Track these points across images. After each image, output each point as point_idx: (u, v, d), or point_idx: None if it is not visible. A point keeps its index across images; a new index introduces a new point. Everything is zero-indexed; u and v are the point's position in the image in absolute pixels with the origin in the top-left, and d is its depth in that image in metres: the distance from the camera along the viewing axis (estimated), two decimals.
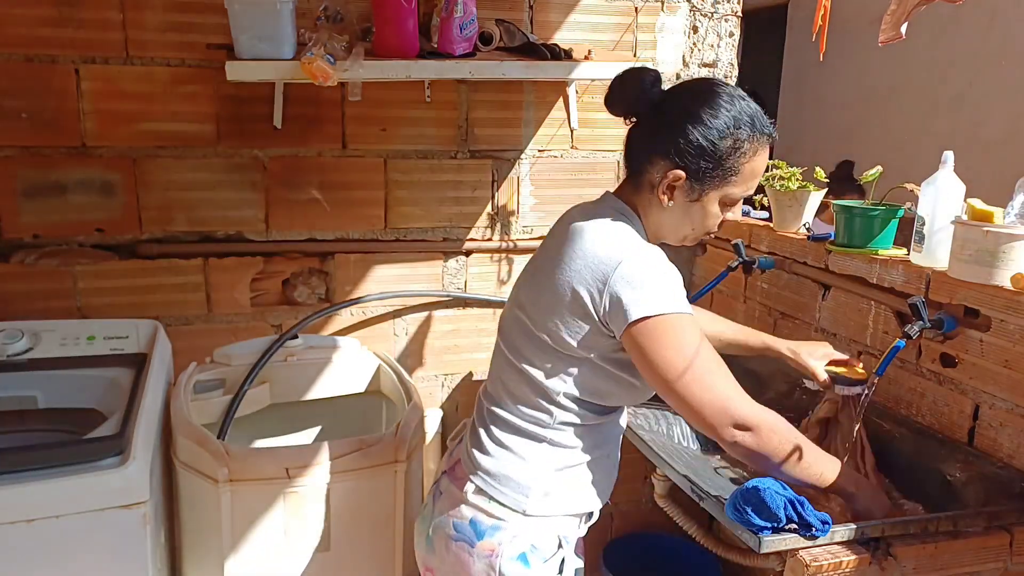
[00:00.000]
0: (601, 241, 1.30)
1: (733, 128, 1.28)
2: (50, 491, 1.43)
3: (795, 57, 5.09)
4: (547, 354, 1.34)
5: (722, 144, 1.28)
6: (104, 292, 2.15)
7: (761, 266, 2.16)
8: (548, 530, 1.36)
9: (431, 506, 1.47)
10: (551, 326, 1.32)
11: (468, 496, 1.37)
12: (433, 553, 1.43)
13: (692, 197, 1.32)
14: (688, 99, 1.31)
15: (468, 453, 1.43)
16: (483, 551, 1.34)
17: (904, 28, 1.65)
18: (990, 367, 1.57)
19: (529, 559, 1.34)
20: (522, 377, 1.37)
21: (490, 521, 1.35)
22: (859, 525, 1.32)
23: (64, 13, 1.99)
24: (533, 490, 1.35)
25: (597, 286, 1.26)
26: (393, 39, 1.99)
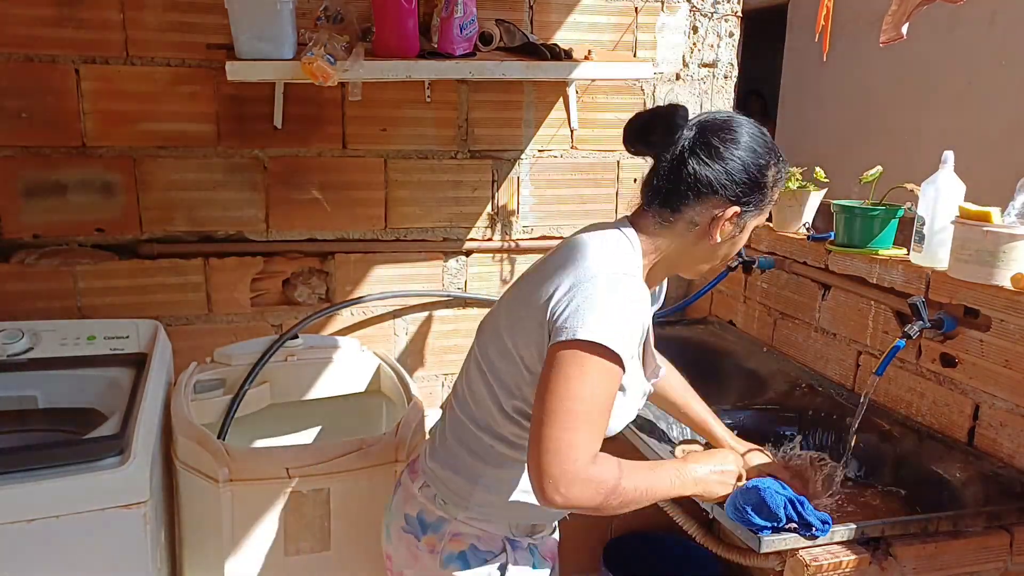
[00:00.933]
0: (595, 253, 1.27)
1: (773, 159, 1.31)
2: (50, 491, 1.43)
3: (795, 57, 5.08)
4: (505, 357, 1.30)
5: (769, 175, 1.30)
6: (104, 292, 2.15)
7: (761, 266, 2.16)
8: (492, 532, 1.36)
9: (392, 497, 1.50)
10: (519, 328, 1.28)
11: (416, 491, 1.40)
12: (390, 543, 1.46)
13: (737, 230, 1.32)
14: (728, 133, 1.28)
15: (425, 449, 1.46)
16: (426, 545, 1.37)
17: (905, 28, 1.65)
18: (990, 367, 1.57)
19: (469, 559, 1.34)
20: (482, 377, 1.35)
21: (434, 517, 1.37)
22: (859, 525, 1.32)
23: (64, 13, 1.99)
24: (472, 501, 1.34)
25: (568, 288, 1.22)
26: (393, 39, 1.99)
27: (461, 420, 1.38)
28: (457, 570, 1.34)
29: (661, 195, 1.31)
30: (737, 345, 2.29)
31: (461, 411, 1.39)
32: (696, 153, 1.28)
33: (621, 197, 2.51)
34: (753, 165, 1.28)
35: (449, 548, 1.34)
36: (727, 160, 1.27)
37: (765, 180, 1.30)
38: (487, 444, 1.33)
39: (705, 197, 1.28)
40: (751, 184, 1.28)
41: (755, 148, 1.29)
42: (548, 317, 1.22)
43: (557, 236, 2.48)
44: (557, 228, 2.48)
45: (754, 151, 1.28)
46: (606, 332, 1.16)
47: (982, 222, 1.56)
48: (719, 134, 1.28)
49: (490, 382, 1.32)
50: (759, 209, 1.32)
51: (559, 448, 1.13)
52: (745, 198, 1.29)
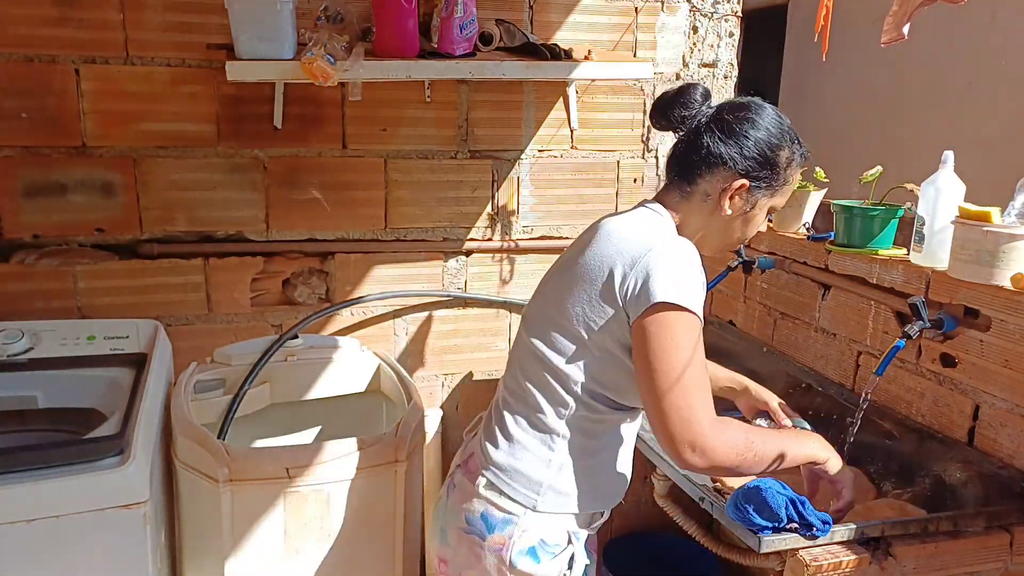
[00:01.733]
0: (635, 228, 1.36)
1: (789, 141, 1.39)
2: (50, 491, 1.43)
3: (795, 57, 5.08)
4: (569, 340, 1.35)
5: (781, 155, 1.38)
6: (104, 292, 2.15)
7: (761, 266, 2.16)
8: (558, 525, 1.38)
9: (445, 499, 1.49)
10: (577, 309, 1.34)
11: (480, 490, 1.39)
12: (447, 545, 1.45)
13: (748, 206, 1.40)
14: (746, 112, 1.38)
15: (482, 446, 1.44)
16: (494, 544, 1.36)
17: (906, 29, 1.65)
18: (990, 367, 1.57)
19: (539, 553, 1.35)
20: (542, 364, 1.38)
21: (501, 515, 1.37)
22: (859, 525, 1.32)
23: (64, 13, 1.99)
24: (544, 487, 1.36)
25: (626, 268, 1.29)
26: (393, 39, 1.99)
27: (522, 412, 1.40)
28: (527, 566, 1.35)
29: (679, 167, 1.42)
30: (737, 345, 2.29)
31: (520, 404, 1.41)
32: (711, 128, 1.38)
33: (621, 197, 2.51)
34: (765, 142, 1.37)
35: (518, 545, 1.35)
36: (739, 135, 1.36)
37: (776, 159, 1.38)
38: (558, 432, 1.37)
39: (715, 168, 1.37)
40: (761, 160, 1.36)
41: (769, 128, 1.37)
42: (622, 297, 1.28)
43: (557, 236, 2.48)
44: (557, 228, 2.48)
45: (768, 130, 1.37)
46: (683, 294, 1.25)
47: (982, 222, 1.56)
48: (735, 112, 1.38)
49: (554, 365, 1.36)
50: (771, 187, 1.39)
51: (682, 416, 1.21)
52: (754, 172, 1.36)
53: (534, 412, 1.38)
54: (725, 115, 1.38)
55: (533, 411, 1.39)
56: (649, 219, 1.39)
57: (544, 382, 1.38)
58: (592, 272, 1.33)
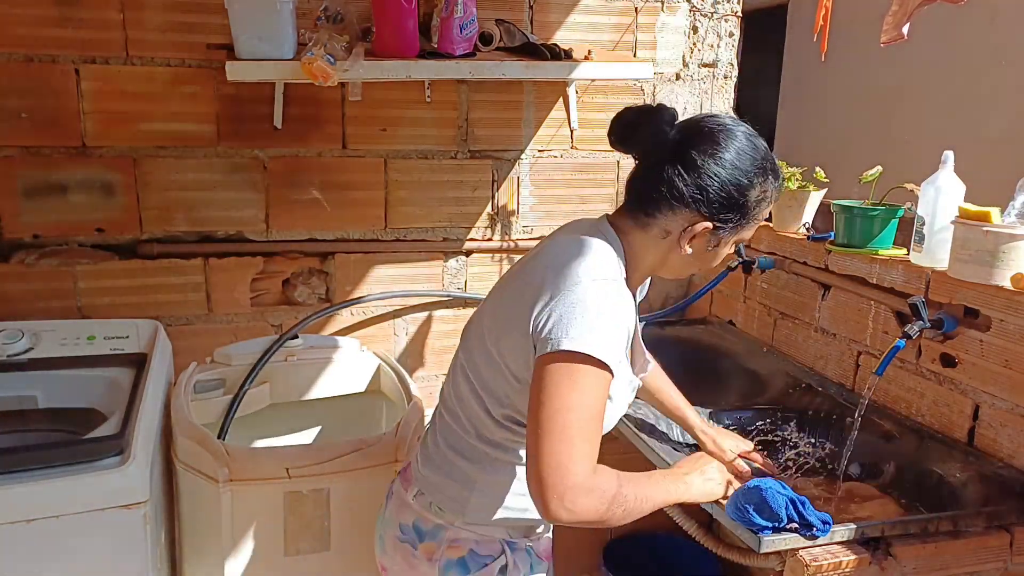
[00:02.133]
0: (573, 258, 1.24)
1: (760, 178, 1.25)
2: (50, 491, 1.43)
3: (795, 57, 5.08)
4: (495, 373, 1.27)
5: (751, 195, 1.24)
6: (104, 292, 2.15)
7: (761, 266, 2.16)
8: (489, 535, 1.34)
9: (384, 507, 1.47)
10: (500, 336, 1.26)
11: (410, 500, 1.38)
12: (385, 553, 1.44)
13: (711, 245, 1.28)
14: (714, 147, 1.23)
15: (416, 457, 1.43)
16: (424, 553, 1.35)
17: (906, 29, 1.65)
18: (990, 367, 1.57)
19: (468, 564, 1.33)
20: (472, 392, 1.32)
21: (430, 524, 1.35)
22: (859, 525, 1.32)
23: (64, 13, 1.99)
24: (471, 503, 1.33)
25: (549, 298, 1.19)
26: (393, 39, 1.99)
27: (451, 427, 1.37)
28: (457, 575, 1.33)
29: (638, 197, 1.29)
30: (737, 345, 2.29)
31: (451, 418, 1.37)
32: (674, 162, 1.23)
33: (621, 197, 2.50)
34: (732, 183, 1.22)
35: (447, 555, 1.33)
36: (704, 176, 1.22)
37: (745, 200, 1.24)
38: (481, 450, 1.32)
39: (677, 208, 1.24)
40: (728, 203, 1.23)
41: (738, 165, 1.23)
42: (532, 328, 1.19)
43: None
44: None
45: (736, 168, 1.23)
46: (591, 341, 1.13)
47: (982, 222, 1.56)
48: (701, 145, 1.23)
49: (477, 390, 1.30)
50: (738, 227, 1.27)
51: (560, 462, 1.10)
52: (721, 215, 1.24)
53: (462, 432, 1.34)
54: (690, 150, 1.23)
55: (461, 431, 1.34)
56: (595, 249, 1.25)
57: (470, 402, 1.32)
58: (521, 297, 1.23)
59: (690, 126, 1.27)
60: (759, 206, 1.27)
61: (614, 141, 1.32)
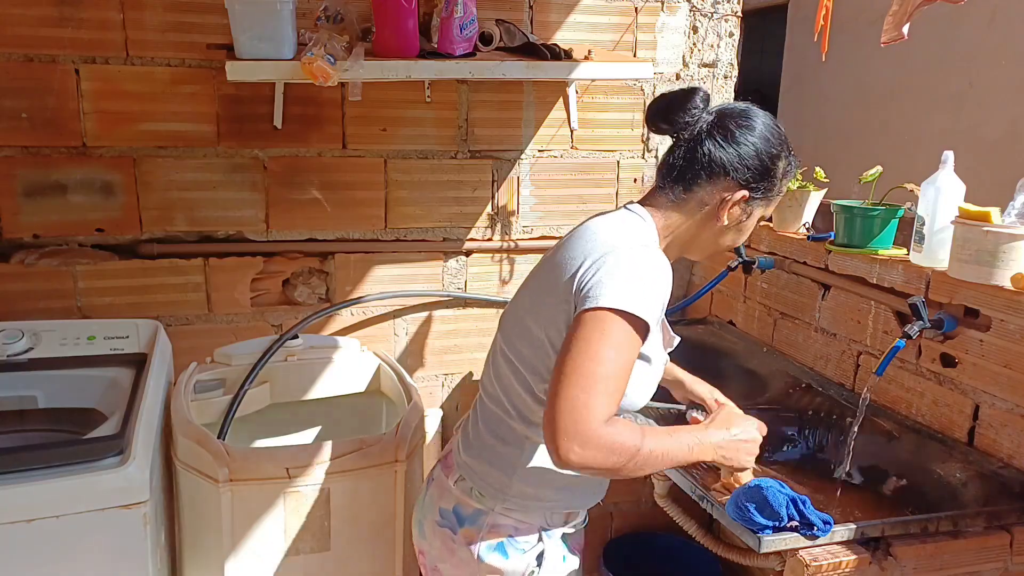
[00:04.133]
0: (610, 230, 1.32)
1: (785, 151, 1.37)
2: (50, 491, 1.43)
3: (795, 57, 5.09)
4: (533, 345, 1.32)
5: (779, 165, 1.36)
6: (104, 292, 2.15)
7: (761, 266, 2.16)
8: (528, 522, 1.37)
9: (424, 493, 1.51)
10: (543, 313, 1.31)
11: (451, 485, 1.41)
12: (424, 538, 1.47)
13: (744, 216, 1.37)
14: (747, 120, 1.35)
15: (457, 443, 1.47)
16: (463, 538, 1.38)
17: (906, 29, 1.65)
18: (990, 367, 1.57)
19: (507, 549, 1.36)
20: (511, 369, 1.37)
21: (471, 509, 1.38)
22: (859, 525, 1.32)
23: (64, 13, 1.99)
24: (512, 489, 1.36)
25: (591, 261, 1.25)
26: (393, 39, 1.99)
27: (494, 412, 1.40)
28: (496, 561, 1.36)
29: (675, 172, 1.36)
30: (737, 345, 2.29)
31: (493, 403, 1.41)
32: (712, 135, 1.33)
33: (621, 197, 2.51)
34: (765, 153, 1.33)
35: (487, 539, 1.36)
36: (741, 144, 1.32)
37: (776, 169, 1.35)
38: (522, 434, 1.36)
39: (717, 178, 1.33)
40: (762, 171, 1.33)
41: (768, 137, 1.34)
42: (573, 291, 1.24)
43: (557, 236, 2.48)
44: (557, 228, 2.48)
45: (768, 139, 1.34)
46: (629, 298, 1.19)
47: (982, 222, 1.56)
48: (736, 119, 1.34)
49: (520, 371, 1.34)
50: (766, 198, 1.37)
51: (575, 407, 1.14)
52: (755, 183, 1.34)
53: (504, 416, 1.38)
54: (727, 122, 1.34)
55: (503, 415, 1.38)
56: (628, 221, 1.35)
57: (512, 385, 1.36)
58: (560, 274, 1.29)
59: (722, 107, 1.38)
60: (784, 178, 1.38)
61: (652, 120, 1.40)
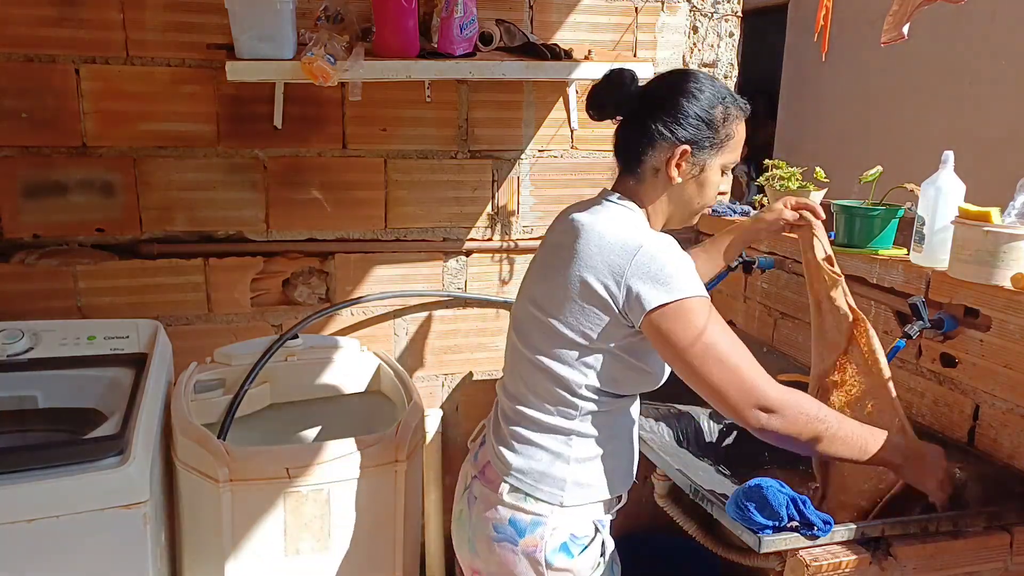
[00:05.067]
0: (613, 232, 1.35)
1: (719, 99, 1.39)
2: (50, 491, 1.43)
3: (795, 57, 5.08)
4: (566, 347, 1.36)
5: (715, 112, 1.38)
6: (104, 292, 2.15)
7: (761, 266, 2.16)
8: (583, 518, 1.40)
9: (467, 511, 1.49)
10: (571, 319, 1.35)
11: (504, 497, 1.40)
12: (477, 556, 1.46)
13: (697, 169, 1.40)
14: (673, 82, 1.41)
15: (496, 454, 1.45)
16: (527, 548, 1.38)
17: (906, 29, 1.65)
18: (990, 367, 1.57)
19: (571, 548, 1.38)
20: (543, 373, 1.39)
21: (529, 518, 1.38)
22: (859, 525, 1.32)
23: (64, 13, 1.99)
24: (568, 482, 1.39)
25: (614, 278, 1.30)
26: (393, 39, 1.99)
27: (534, 417, 1.41)
28: (563, 562, 1.37)
29: (625, 152, 1.44)
30: None
31: (531, 408, 1.42)
32: (644, 106, 1.40)
33: None
34: (697, 105, 1.37)
35: (551, 544, 1.37)
36: (669, 106, 1.37)
37: (711, 117, 1.38)
38: (572, 431, 1.39)
39: (656, 143, 1.38)
40: (696, 122, 1.37)
41: (697, 91, 1.38)
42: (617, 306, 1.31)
43: None
44: None
45: (696, 93, 1.38)
46: (674, 288, 1.27)
47: (982, 222, 1.56)
48: (662, 86, 1.42)
49: (560, 377, 1.37)
50: (714, 146, 1.39)
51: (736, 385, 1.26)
52: (693, 137, 1.37)
53: (545, 415, 1.40)
54: (653, 90, 1.42)
55: (543, 414, 1.40)
56: (620, 216, 1.40)
57: (549, 390, 1.39)
58: (576, 283, 1.34)
59: (651, 80, 1.47)
60: (727, 122, 1.40)
61: (591, 109, 1.48)
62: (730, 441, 1.85)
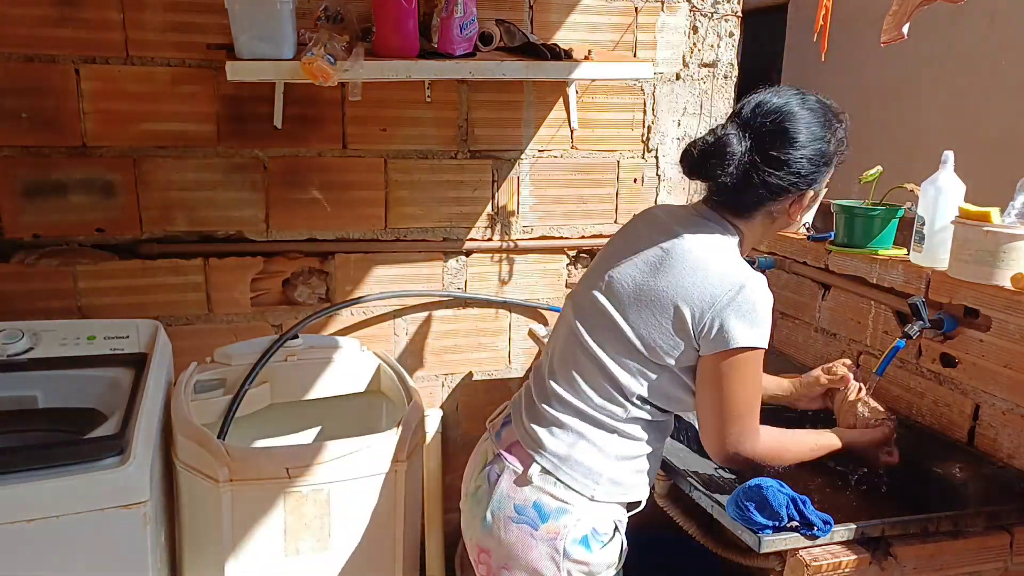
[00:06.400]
0: (716, 262, 1.35)
1: (830, 129, 1.38)
2: (50, 491, 1.43)
3: (795, 57, 5.08)
4: (632, 357, 1.38)
5: (830, 148, 1.38)
6: (104, 292, 2.15)
7: (761, 266, 2.16)
8: (608, 514, 1.41)
9: (486, 487, 1.45)
10: (645, 333, 1.37)
11: (533, 478, 1.39)
12: (491, 535, 1.42)
13: (811, 200, 1.42)
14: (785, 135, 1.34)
15: (530, 433, 1.43)
16: (547, 534, 1.37)
17: (906, 28, 1.65)
18: (990, 367, 1.57)
19: (590, 543, 1.38)
20: (600, 369, 1.40)
21: (555, 504, 1.37)
22: (859, 525, 1.32)
23: (64, 13, 1.99)
24: (603, 477, 1.39)
25: (704, 307, 1.32)
26: (393, 39, 1.99)
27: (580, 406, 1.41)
28: (582, 554, 1.37)
29: (735, 201, 1.40)
30: None
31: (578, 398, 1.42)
32: (760, 167, 1.34)
33: (621, 197, 2.51)
34: (817, 154, 1.36)
35: (572, 534, 1.37)
36: (792, 163, 1.34)
37: (827, 154, 1.38)
38: (616, 428, 1.40)
39: (781, 195, 1.38)
40: (818, 169, 1.37)
41: (813, 133, 1.35)
42: (696, 333, 1.33)
43: (557, 236, 2.48)
44: (557, 228, 2.48)
45: (813, 137, 1.35)
46: (757, 336, 1.32)
47: (982, 222, 1.56)
48: (776, 143, 1.34)
49: (614, 378, 1.39)
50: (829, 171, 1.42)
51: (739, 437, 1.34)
52: (816, 177, 1.38)
53: (592, 407, 1.40)
54: (769, 152, 1.34)
55: (590, 406, 1.41)
56: (720, 245, 1.39)
57: (600, 385, 1.40)
58: (665, 302, 1.35)
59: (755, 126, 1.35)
60: (840, 148, 1.41)
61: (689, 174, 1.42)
62: None
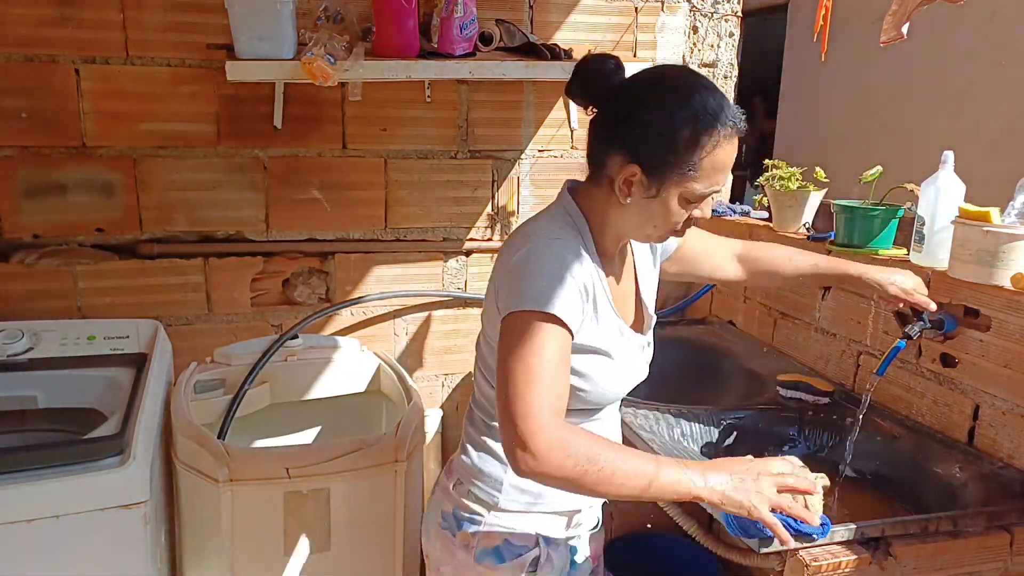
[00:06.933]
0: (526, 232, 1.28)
1: (690, 119, 1.16)
2: (50, 491, 1.43)
3: (795, 57, 5.08)
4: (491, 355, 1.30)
5: (679, 136, 1.16)
6: (104, 292, 2.15)
7: None
8: (525, 526, 1.35)
9: (431, 498, 1.51)
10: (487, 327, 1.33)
11: (450, 489, 1.41)
12: (428, 540, 1.46)
13: (650, 194, 1.21)
14: (646, 88, 1.22)
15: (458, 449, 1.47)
16: (460, 541, 1.37)
17: (906, 28, 1.65)
18: (990, 367, 1.57)
19: (503, 554, 1.35)
20: (484, 379, 1.38)
21: (467, 514, 1.38)
22: (859, 525, 1.32)
23: (64, 13, 1.99)
24: (505, 484, 1.35)
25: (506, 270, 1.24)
26: (393, 39, 1.99)
27: (479, 417, 1.41)
28: (491, 565, 1.35)
29: (588, 148, 1.30)
30: (737, 345, 2.29)
31: (478, 408, 1.42)
32: (618, 103, 1.22)
33: None
34: (663, 125, 1.17)
35: (483, 543, 1.35)
36: (635, 116, 1.19)
37: (674, 142, 1.16)
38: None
39: (613, 152, 1.22)
40: (656, 143, 1.17)
41: (673, 105, 1.17)
42: (497, 293, 1.25)
43: None
44: None
45: (666, 110, 1.17)
46: (537, 297, 1.16)
47: (982, 222, 1.56)
48: (641, 85, 1.22)
49: (487, 377, 1.35)
50: (675, 175, 1.18)
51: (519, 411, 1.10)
52: (649, 159, 1.18)
53: (488, 418, 1.38)
54: (625, 91, 1.22)
55: (488, 417, 1.38)
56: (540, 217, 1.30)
57: (487, 391, 1.37)
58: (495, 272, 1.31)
59: (638, 72, 1.25)
60: (691, 149, 1.17)
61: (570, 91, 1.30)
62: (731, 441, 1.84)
